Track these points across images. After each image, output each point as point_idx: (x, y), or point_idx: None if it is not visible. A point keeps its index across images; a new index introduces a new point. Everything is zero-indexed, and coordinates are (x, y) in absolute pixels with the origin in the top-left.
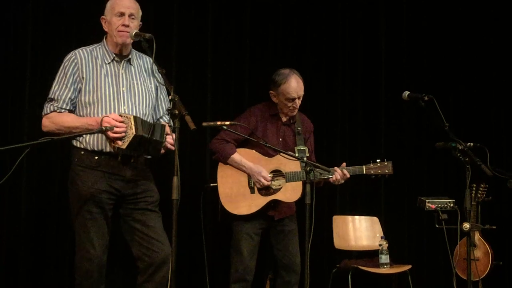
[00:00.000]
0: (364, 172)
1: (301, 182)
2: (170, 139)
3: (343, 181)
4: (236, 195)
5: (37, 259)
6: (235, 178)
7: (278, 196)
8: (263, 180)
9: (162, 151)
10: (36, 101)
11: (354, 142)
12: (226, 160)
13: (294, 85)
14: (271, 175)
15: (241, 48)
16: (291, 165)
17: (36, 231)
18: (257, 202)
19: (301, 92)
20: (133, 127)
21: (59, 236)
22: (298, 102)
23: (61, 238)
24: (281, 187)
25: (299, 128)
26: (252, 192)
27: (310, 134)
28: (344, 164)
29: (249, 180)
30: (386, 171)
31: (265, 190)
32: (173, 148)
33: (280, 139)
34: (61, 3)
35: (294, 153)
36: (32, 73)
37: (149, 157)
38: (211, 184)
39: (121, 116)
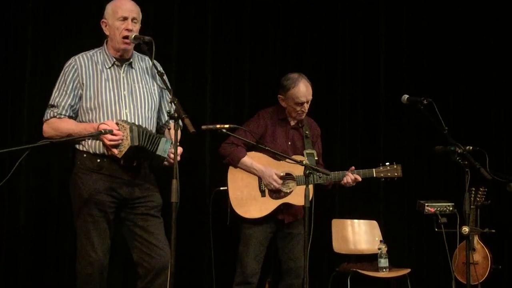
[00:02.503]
0: (374, 175)
1: (311, 186)
2: (172, 155)
3: (354, 184)
4: (246, 198)
5: (37, 259)
6: (246, 181)
7: (289, 199)
8: (274, 183)
9: (166, 163)
10: (36, 101)
11: (354, 142)
12: (237, 163)
13: (303, 89)
14: (282, 174)
15: (241, 48)
16: (301, 169)
17: (36, 231)
18: (268, 205)
19: (310, 97)
20: (129, 137)
21: (59, 236)
22: (306, 107)
23: (61, 239)
24: (292, 191)
25: (307, 132)
26: (263, 195)
27: (318, 137)
28: (353, 168)
29: (259, 184)
30: (396, 174)
31: (276, 193)
32: (172, 161)
33: (289, 143)
34: (61, 3)
35: (303, 156)
36: (32, 73)
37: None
38: (221, 188)
39: (118, 125)
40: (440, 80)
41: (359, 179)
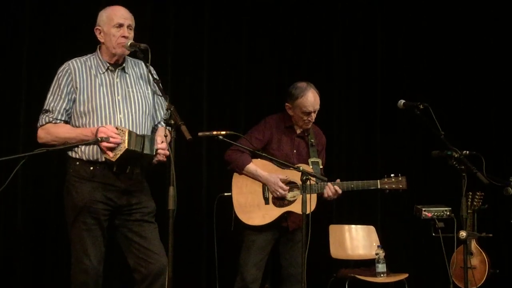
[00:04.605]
0: (379, 187)
1: (315, 194)
2: (162, 150)
3: (335, 197)
4: (250, 205)
5: (34, 267)
6: (250, 188)
7: (292, 207)
8: (280, 190)
9: (154, 162)
10: (33, 107)
11: (351, 145)
12: (242, 170)
13: (311, 99)
14: (286, 177)
15: (239, 51)
16: None
17: (33, 238)
18: (271, 213)
19: (317, 106)
20: (126, 141)
21: (56, 243)
22: (313, 116)
23: (58, 245)
24: (296, 199)
25: (313, 140)
26: (267, 203)
27: (323, 148)
28: (338, 180)
29: (263, 191)
30: (400, 186)
31: (280, 201)
32: (164, 159)
33: (294, 151)
34: (60, 3)
35: (308, 165)
36: (29, 77)
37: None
38: (225, 194)
39: (117, 129)
40: (440, 80)
41: (340, 191)
